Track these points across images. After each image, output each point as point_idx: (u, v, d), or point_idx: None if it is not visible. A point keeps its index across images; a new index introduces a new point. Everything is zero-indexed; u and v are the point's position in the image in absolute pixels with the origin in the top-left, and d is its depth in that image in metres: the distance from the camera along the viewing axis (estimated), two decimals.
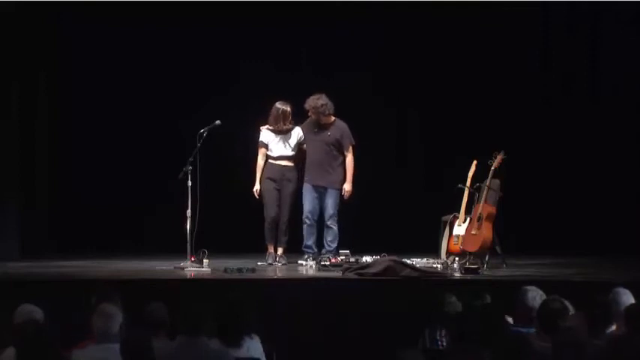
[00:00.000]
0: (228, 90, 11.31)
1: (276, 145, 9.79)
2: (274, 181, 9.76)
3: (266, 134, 9.81)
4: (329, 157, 9.81)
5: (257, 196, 9.77)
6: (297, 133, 9.82)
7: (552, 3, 11.27)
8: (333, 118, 9.84)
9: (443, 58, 11.31)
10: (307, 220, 9.86)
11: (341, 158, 9.84)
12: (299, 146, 9.84)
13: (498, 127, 10.99)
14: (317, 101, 9.71)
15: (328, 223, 9.82)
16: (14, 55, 10.73)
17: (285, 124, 9.76)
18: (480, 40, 11.25)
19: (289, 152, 9.80)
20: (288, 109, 9.76)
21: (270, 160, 9.80)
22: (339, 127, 9.83)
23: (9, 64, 10.68)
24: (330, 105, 9.75)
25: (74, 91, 11.51)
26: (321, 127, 9.82)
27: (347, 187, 9.79)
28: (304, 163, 9.90)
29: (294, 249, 9.94)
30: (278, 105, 9.78)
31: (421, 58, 11.34)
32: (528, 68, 11.47)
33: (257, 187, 9.76)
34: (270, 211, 9.77)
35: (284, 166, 9.80)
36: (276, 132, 9.79)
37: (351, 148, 9.82)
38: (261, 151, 9.81)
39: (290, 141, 9.80)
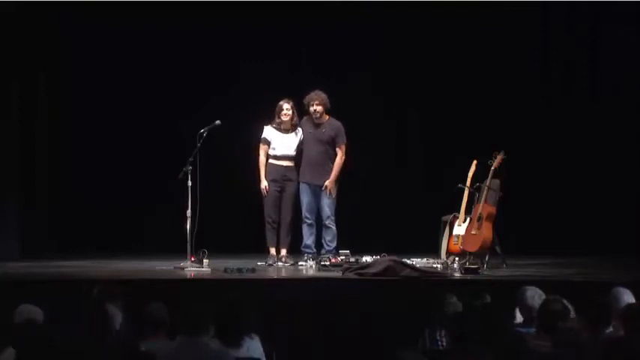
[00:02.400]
0: (228, 90, 11.32)
1: (279, 144, 9.75)
2: (276, 182, 9.75)
3: (270, 132, 9.77)
4: (324, 156, 9.77)
5: (266, 193, 9.75)
6: (299, 132, 9.80)
7: (552, 3, 11.27)
8: (327, 116, 9.82)
9: (443, 58, 11.32)
10: (307, 220, 9.85)
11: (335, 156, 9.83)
12: (300, 146, 9.83)
13: (498, 127, 11.00)
14: (321, 94, 9.68)
15: (326, 222, 9.80)
16: (14, 55, 10.73)
17: (291, 122, 9.72)
18: (480, 40, 11.25)
19: (292, 152, 9.78)
20: (290, 105, 9.72)
21: (271, 160, 9.77)
22: (334, 125, 9.79)
23: (9, 64, 10.69)
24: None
25: (74, 91, 11.52)
26: (316, 125, 9.79)
27: (328, 183, 9.74)
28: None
29: (294, 249, 9.94)
30: (283, 103, 9.74)
31: (421, 58, 11.34)
32: (528, 68, 11.47)
33: (264, 183, 9.73)
34: (270, 213, 9.76)
35: (286, 166, 9.78)
36: (282, 130, 9.77)
37: (343, 147, 9.79)
38: (263, 148, 9.76)
39: (293, 141, 9.78)
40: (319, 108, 9.69)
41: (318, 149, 9.76)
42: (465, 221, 9.61)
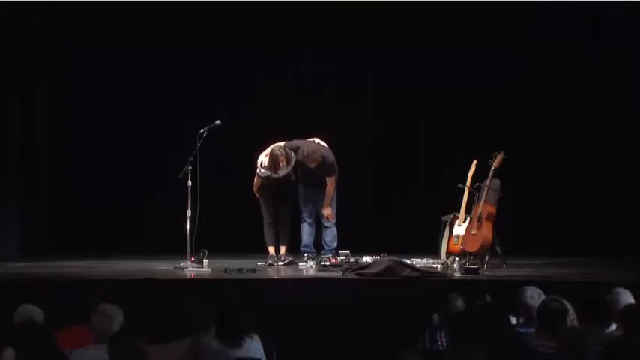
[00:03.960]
0: (228, 90, 11.32)
1: (272, 178, 9.69)
2: (273, 182, 9.75)
3: (263, 172, 9.69)
4: (319, 187, 9.76)
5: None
6: (292, 161, 9.66)
7: (552, 3, 11.26)
8: (315, 163, 9.66)
9: (443, 58, 11.30)
10: (307, 219, 9.85)
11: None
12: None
13: (498, 127, 10.99)
14: (315, 155, 9.52)
15: (327, 224, 9.81)
16: (15, 55, 10.75)
17: (280, 168, 9.59)
18: (480, 39, 11.23)
19: (286, 173, 9.72)
20: (284, 157, 9.57)
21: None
22: (326, 163, 9.65)
23: (10, 64, 10.70)
24: (318, 151, 9.60)
25: (74, 91, 11.52)
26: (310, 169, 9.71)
27: (325, 212, 9.73)
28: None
29: (294, 249, 9.94)
30: (275, 150, 9.58)
31: (421, 58, 11.33)
32: (528, 68, 11.46)
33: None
34: (268, 212, 9.77)
35: (281, 177, 9.74)
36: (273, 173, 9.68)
37: (334, 178, 9.72)
38: (257, 184, 9.74)
39: (285, 170, 9.65)
40: (315, 165, 9.62)
41: (312, 183, 9.76)
42: (465, 221, 9.61)
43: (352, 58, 11.38)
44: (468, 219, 9.60)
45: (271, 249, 9.79)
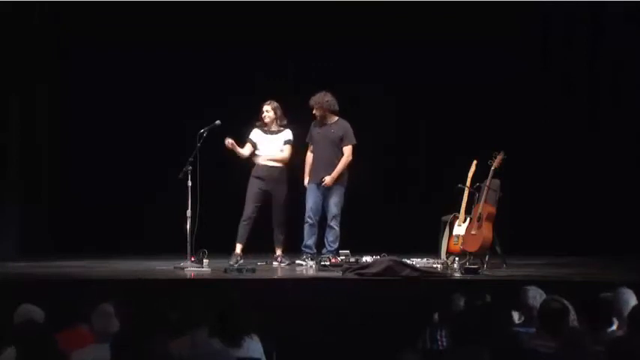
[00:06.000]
0: (228, 90, 11.32)
1: (263, 145, 9.80)
2: (261, 180, 9.78)
3: (255, 133, 9.84)
4: (333, 155, 9.79)
5: (230, 147, 9.65)
6: (285, 134, 9.81)
7: (552, 3, 11.26)
8: (336, 117, 9.83)
9: (443, 58, 11.31)
10: (309, 220, 9.83)
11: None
12: (287, 147, 9.81)
13: (498, 127, 11.00)
14: (323, 97, 9.72)
15: (331, 223, 9.79)
16: (15, 55, 10.75)
17: (275, 123, 9.75)
18: (480, 39, 11.24)
19: (274, 153, 9.78)
20: (270, 107, 9.78)
21: (257, 160, 9.81)
22: (343, 126, 9.82)
23: (10, 63, 10.70)
24: (334, 102, 9.76)
25: (74, 91, 11.52)
26: (324, 125, 9.80)
27: (327, 179, 9.72)
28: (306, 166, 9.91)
29: (295, 249, 9.94)
30: (263, 105, 9.85)
31: (421, 58, 11.33)
32: (528, 68, 11.46)
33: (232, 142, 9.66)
34: (247, 209, 9.77)
35: (270, 166, 9.79)
36: (265, 132, 9.79)
37: (350, 146, 9.79)
38: (247, 145, 9.82)
39: (277, 142, 9.79)
40: (318, 112, 9.74)
41: (327, 149, 9.80)
42: (465, 221, 9.61)
43: (352, 58, 11.38)
44: (468, 219, 9.60)
45: (238, 247, 9.74)
